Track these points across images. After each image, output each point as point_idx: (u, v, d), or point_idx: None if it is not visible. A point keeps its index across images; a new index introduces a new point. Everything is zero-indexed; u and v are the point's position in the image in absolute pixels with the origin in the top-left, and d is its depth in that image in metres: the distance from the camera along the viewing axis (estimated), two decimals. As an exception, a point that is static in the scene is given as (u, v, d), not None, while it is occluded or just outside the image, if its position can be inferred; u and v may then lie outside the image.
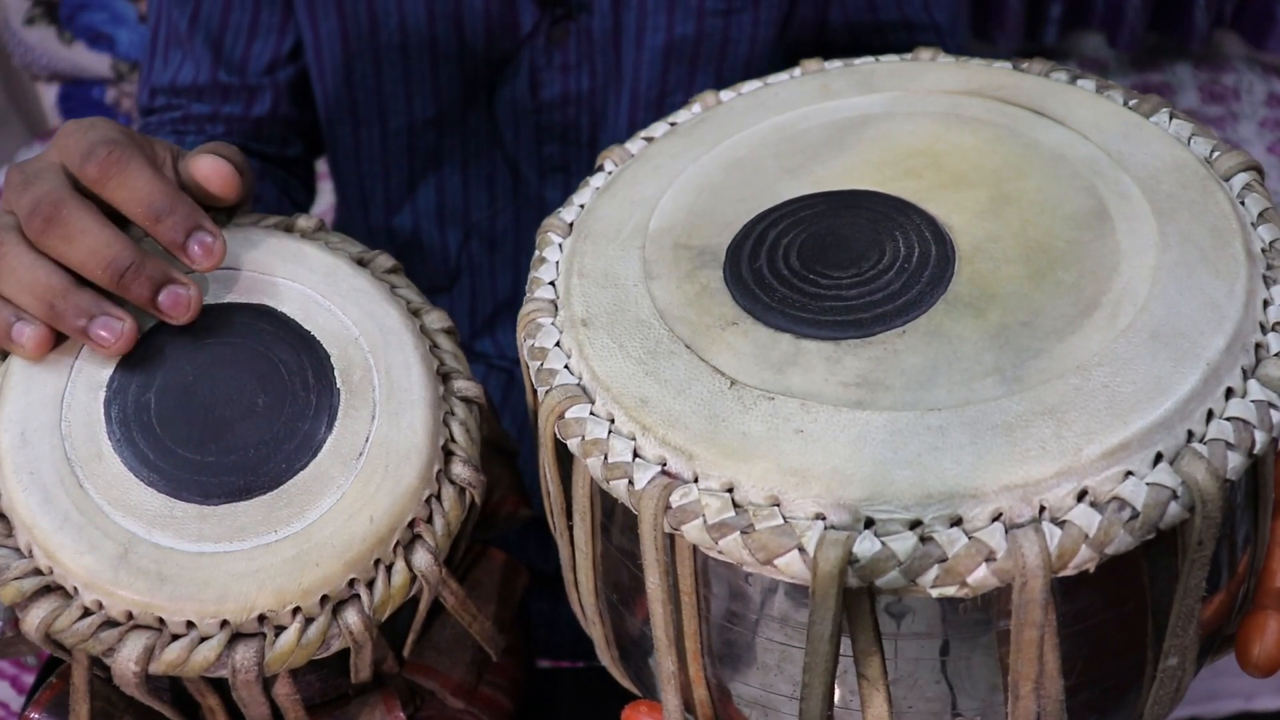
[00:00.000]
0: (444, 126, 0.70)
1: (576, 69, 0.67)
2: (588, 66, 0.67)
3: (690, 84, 0.67)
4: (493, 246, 0.75)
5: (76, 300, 0.39)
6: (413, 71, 0.67)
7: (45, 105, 1.82)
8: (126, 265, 0.39)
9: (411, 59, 0.66)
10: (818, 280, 0.37)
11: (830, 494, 0.31)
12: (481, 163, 0.71)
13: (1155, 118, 0.41)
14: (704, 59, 0.67)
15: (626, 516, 0.35)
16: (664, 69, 0.67)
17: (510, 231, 0.74)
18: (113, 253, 0.39)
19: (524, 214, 0.73)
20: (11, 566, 0.38)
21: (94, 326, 0.39)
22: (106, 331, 0.39)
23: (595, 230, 0.41)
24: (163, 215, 0.40)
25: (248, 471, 0.39)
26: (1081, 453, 0.30)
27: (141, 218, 0.40)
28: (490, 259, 0.75)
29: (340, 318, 0.43)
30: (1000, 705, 0.34)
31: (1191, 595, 0.32)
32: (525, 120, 0.69)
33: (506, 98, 0.68)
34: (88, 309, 0.39)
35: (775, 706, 0.36)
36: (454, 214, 0.74)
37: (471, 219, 0.74)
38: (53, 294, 0.39)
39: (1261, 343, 0.33)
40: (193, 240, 0.41)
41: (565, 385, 0.36)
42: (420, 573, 0.40)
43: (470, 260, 0.75)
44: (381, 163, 0.72)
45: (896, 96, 0.44)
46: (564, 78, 0.67)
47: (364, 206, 0.74)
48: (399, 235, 0.75)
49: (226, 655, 0.37)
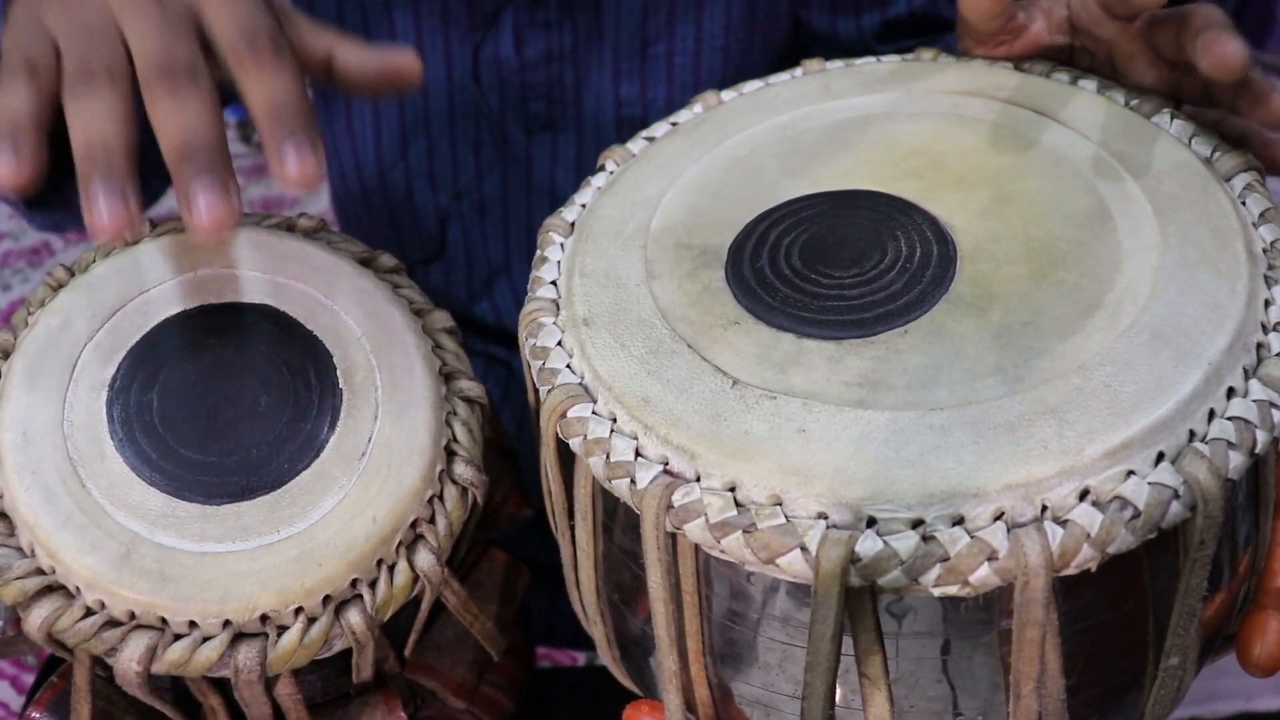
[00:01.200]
0: (430, 87, 0.70)
1: (558, 25, 0.67)
2: (569, 22, 0.67)
3: (671, 33, 0.68)
4: (483, 210, 0.75)
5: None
6: (398, 31, 0.68)
7: (45, 105, 1.81)
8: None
9: (396, 18, 0.67)
10: (819, 280, 0.37)
11: (832, 493, 0.31)
12: (468, 123, 0.72)
13: (1156, 118, 0.41)
14: (682, 6, 0.67)
15: (628, 516, 0.35)
16: (643, 19, 0.67)
17: (498, 194, 0.75)
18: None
19: (511, 174, 0.74)
20: (14, 566, 0.38)
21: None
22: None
23: (597, 230, 0.41)
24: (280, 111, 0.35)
25: (250, 471, 0.39)
26: (1083, 452, 0.30)
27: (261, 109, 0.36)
28: (481, 222, 0.76)
29: (342, 318, 0.43)
30: (1002, 704, 0.34)
31: (1193, 594, 0.32)
32: (510, 79, 0.69)
33: (490, 56, 0.69)
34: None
35: (777, 706, 0.36)
36: (444, 176, 0.74)
37: (461, 182, 0.74)
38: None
39: (1263, 342, 0.33)
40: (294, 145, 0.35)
41: (567, 384, 0.36)
42: (422, 573, 0.40)
43: (461, 223, 0.76)
44: (373, 123, 0.73)
45: (898, 96, 0.44)
46: (546, 35, 0.68)
47: (357, 170, 0.75)
48: (393, 197, 0.75)
49: (229, 655, 0.37)
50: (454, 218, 0.76)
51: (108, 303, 0.42)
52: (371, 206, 0.77)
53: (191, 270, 0.43)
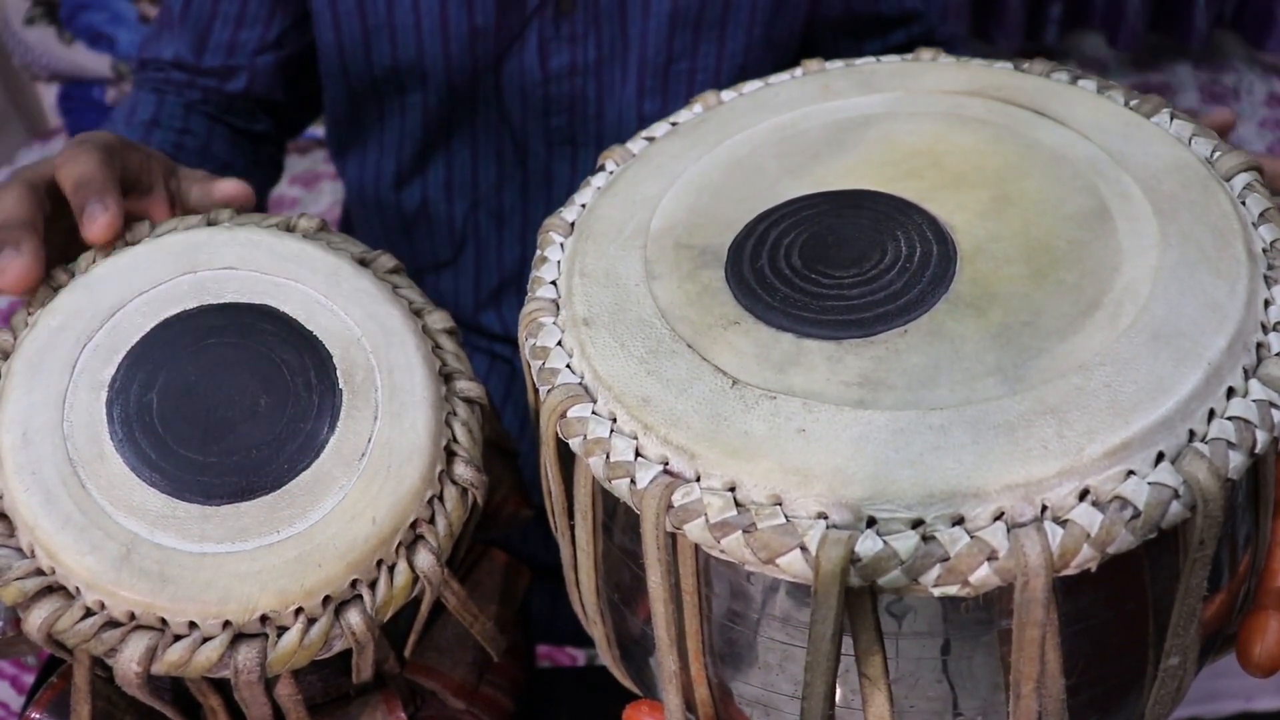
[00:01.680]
0: (455, 101, 0.71)
1: (584, 39, 0.68)
2: (594, 36, 0.68)
3: (695, 50, 0.69)
4: (500, 220, 0.76)
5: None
6: (425, 44, 0.68)
7: (45, 105, 1.82)
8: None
9: (425, 36, 0.68)
10: (819, 280, 0.37)
11: (832, 493, 0.31)
12: (490, 136, 0.73)
13: (1156, 118, 0.41)
14: (707, 24, 0.68)
15: (628, 516, 0.35)
16: (669, 35, 0.68)
17: (517, 205, 0.75)
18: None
19: (531, 187, 0.74)
20: (14, 567, 0.38)
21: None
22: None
23: (597, 230, 0.41)
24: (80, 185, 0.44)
25: (250, 472, 0.39)
26: (1083, 452, 0.30)
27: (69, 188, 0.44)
28: (497, 233, 0.76)
29: (342, 318, 0.43)
30: (1002, 704, 0.34)
31: (1193, 595, 0.32)
32: (533, 92, 0.70)
33: (515, 70, 0.69)
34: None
35: (777, 706, 0.36)
36: (462, 187, 0.75)
37: (479, 192, 0.75)
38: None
39: (1263, 342, 0.33)
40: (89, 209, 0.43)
41: (567, 384, 0.36)
42: (422, 573, 0.40)
43: (476, 233, 0.76)
44: (396, 137, 0.73)
45: (898, 96, 0.44)
46: (571, 49, 0.68)
47: (375, 181, 0.76)
48: (407, 208, 0.76)
49: (229, 656, 0.37)
50: (470, 227, 0.76)
51: (108, 303, 0.42)
52: (386, 217, 0.77)
53: (191, 270, 0.43)
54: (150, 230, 0.45)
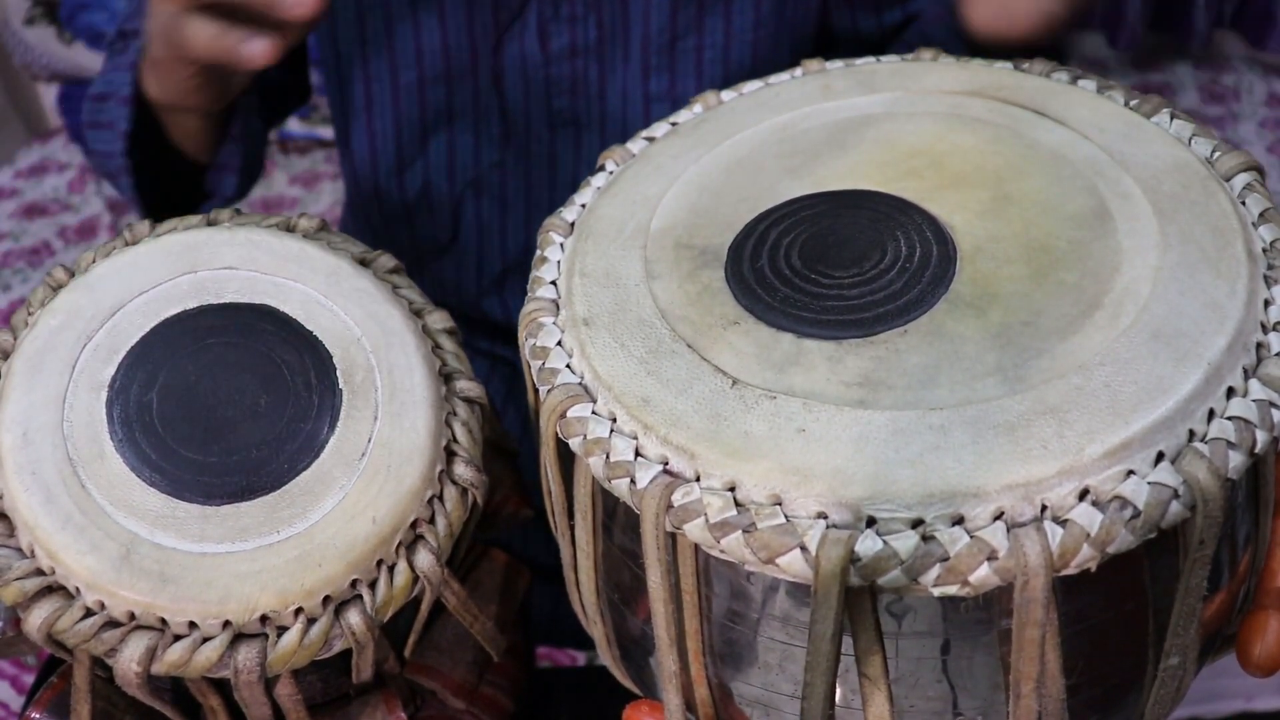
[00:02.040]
0: (453, 83, 0.70)
1: (584, 19, 0.67)
2: (594, 16, 0.67)
3: (700, 26, 0.68)
4: (504, 205, 0.75)
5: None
6: (422, 26, 0.68)
7: (45, 105, 1.82)
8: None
9: (420, 13, 0.67)
10: (819, 280, 0.37)
11: (832, 493, 0.31)
12: (493, 119, 0.72)
13: (1156, 118, 0.41)
14: (710, 0, 0.67)
15: (628, 516, 0.35)
16: (672, 12, 0.67)
17: (521, 190, 0.74)
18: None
19: (534, 172, 0.74)
20: (13, 567, 0.38)
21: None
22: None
23: (597, 230, 0.41)
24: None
25: (250, 472, 0.39)
26: (1083, 452, 0.30)
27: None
28: (502, 218, 0.76)
29: (342, 318, 0.43)
30: (1001, 704, 0.34)
31: (1193, 594, 0.32)
32: (535, 74, 0.69)
33: (515, 51, 0.69)
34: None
35: (777, 706, 0.36)
36: (464, 171, 0.74)
37: (482, 176, 0.74)
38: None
39: (1263, 342, 0.33)
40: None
41: (567, 384, 0.36)
42: (422, 573, 0.40)
43: (479, 218, 0.76)
44: (393, 119, 0.73)
45: (898, 96, 0.44)
46: (571, 29, 0.68)
47: (373, 166, 0.75)
48: (408, 193, 0.75)
49: (229, 656, 0.37)
50: (468, 206, 0.76)
51: (108, 303, 0.42)
52: (386, 201, 0.76)
53: (191, 270, 0.43)
54: (150, 230, 0.45)
